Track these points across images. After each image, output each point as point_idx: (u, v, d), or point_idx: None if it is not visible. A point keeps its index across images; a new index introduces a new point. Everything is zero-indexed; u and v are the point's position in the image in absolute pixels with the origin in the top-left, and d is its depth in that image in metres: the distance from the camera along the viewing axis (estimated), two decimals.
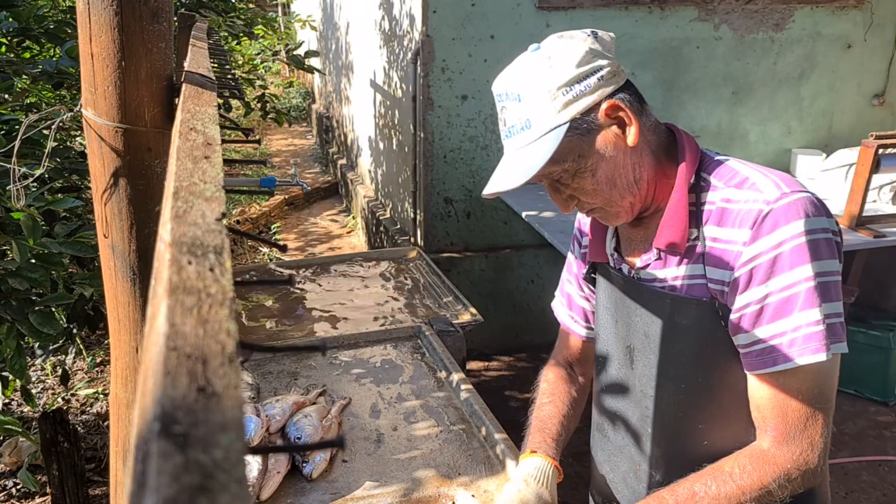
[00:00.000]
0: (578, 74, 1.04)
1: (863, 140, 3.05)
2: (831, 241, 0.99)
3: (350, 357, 1.96)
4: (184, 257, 0.38)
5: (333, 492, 1.41)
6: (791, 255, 0.97)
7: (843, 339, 1.00)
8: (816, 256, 0.97)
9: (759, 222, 0.99)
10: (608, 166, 1.06)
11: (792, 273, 0.97)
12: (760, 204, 1.00)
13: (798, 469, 1.02)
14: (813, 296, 0.97)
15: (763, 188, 1.02)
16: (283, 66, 8.73)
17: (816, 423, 1.02)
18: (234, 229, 0.65)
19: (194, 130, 0.67)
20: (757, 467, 1.02)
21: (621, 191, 1.08)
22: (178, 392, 0.27)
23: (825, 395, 1.02)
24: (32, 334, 1.65)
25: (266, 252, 5.24)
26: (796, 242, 0.97)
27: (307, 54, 3.75)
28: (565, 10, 3.51)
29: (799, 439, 1.02)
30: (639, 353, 1.19)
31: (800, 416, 1.01)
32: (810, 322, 0.97)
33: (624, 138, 1.06)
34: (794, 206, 0.98)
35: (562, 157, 1.05)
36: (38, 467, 2.77)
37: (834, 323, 0.98)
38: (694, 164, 1.09)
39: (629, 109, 1.05)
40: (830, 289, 0.98)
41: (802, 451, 1.02)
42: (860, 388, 3.54)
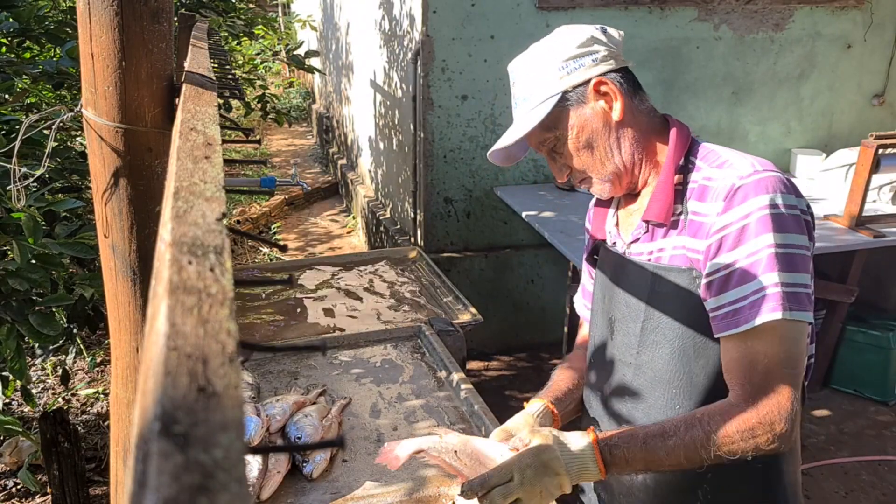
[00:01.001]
0: (576, 54, 1.18)
1: (862, 140, 3.05)
2: (799, 218, 1.07)
3: (350, 357, 1.96)
4: (184, 257, 0.38)
5: (333, 491, 1.41)
6: (757, 225, 1.05)
7: (809, 309, 1.06)
8: (781, 228, 1.05)
9: (731, 195, 1.08)
10: (590, 134, 1.19)
11: (756, 241, 1.05)
12: (734, 179, 1.09)
13: (763, 427, 1.05)
14: (774, 262, 1.04)
15: (738, 166, 1.12)
16: (283, 66, 8.73)
17: (784, 386, 1.06)
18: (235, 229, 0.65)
19: (194, 130, 0.67)
20: (724, 418, 1.07)
21: (602, 158, 1.20)
22: (178, 392, 0.27)
23: (792, 360, 1.06)
24: (32, 335, 1.65)
25: (266, 252, 5.24)
26: (762, 213, 1.05)
27: (307, 54, 3.75)
28: (565, 10, 3.51)
29: (765, 399, 1.05)
30: (618, 324, 1.27)
31: (766, 377, 1.06)
32: (769, 285, 1.04)
33: (610, 113, 1.18)
34: (764, 182, 1.07)
35: (553, 124, 1.20)
36: (39, 467, 2.77)
37: (798, 292, 1.05)
38: (682, 148, 1.19)
39: (616, 87, 1.18)
40: (795, 259, 1.05)
41: (769, 410, 1.05)
42: (860, 388, 3.54)
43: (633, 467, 1.11)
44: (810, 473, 3.01)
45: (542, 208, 3.21)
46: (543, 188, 3.57)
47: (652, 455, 1.09)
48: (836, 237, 3.02)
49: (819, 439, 3.23)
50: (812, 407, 3.48)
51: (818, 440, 3.22)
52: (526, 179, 3.71)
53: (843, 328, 3.50)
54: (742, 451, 1.06)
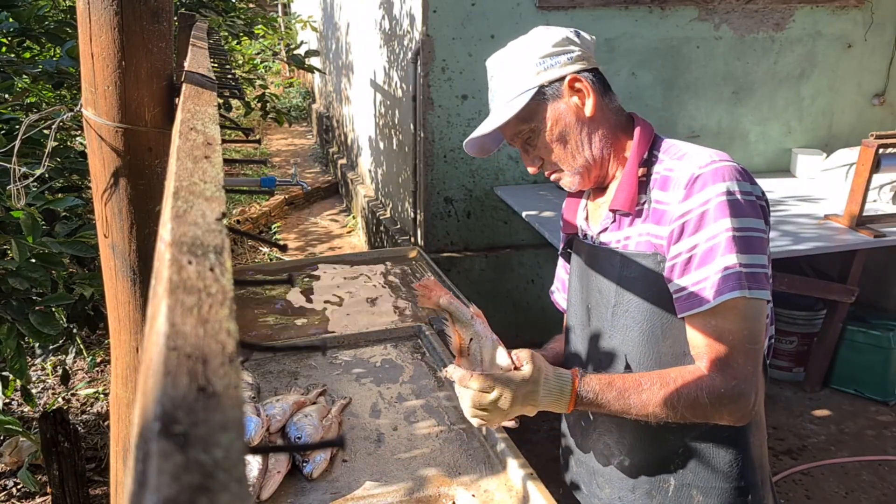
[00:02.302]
0: (552, 52, 1.25)
1: (863, 140, 3.05)
2: (755, 203, 1.14)
3: (350, 357, 1.96)
4: (184, 257, 0.38)
5: (334, 491, 1.41)
6: (716, 211, 1.12)
7: (767, 287, 1.13)
8: (737, 213, 1.11)
9: (690, 183, 1.16)
10: (564, 128, 1.26)
11: (715, 225, 1.12)
12: (693, 168, 1.16)
13: (731, 397, 1.12)
14: (732, 244, 1.11)
15: (696, 157, 1.19)
16: (283, 66, 8.73)
17: (747, 359, 1.13)
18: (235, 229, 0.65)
19: (194, 130, 0.67)
20: (697, 383, 1.13)
21: (573, 151, 1.27)
22: (178, 392, 0.27)
23: (753, 336, 1.13)
24: (32, 334, 1.65)
25: (266, 252, 5.24)
26: (720, 199, 1.12)
27: (307, 54, 3.75)
28: (565, 10, 3.51)
29: (731, 370, 1.12)
30: (594, 311, 1.35)
31: (731, 352, 1.13)
32: (728, 265, 1.11)
33: (583, 109, 1.26)
34: (721, 170, 1.14)
35: (529, 117, 1.27)
36: (39, 467, 2.77)
37: (756, 272, 1.12)
38: (646, 143, 1.27)
39: (589, 85, 1.25)
40: (753, 242, 1.12)
41: (735, 378, 1.12)
42: (860, 388, 3.54)
43: (602, 410, 1.18)
44: (811, 473, 3.01)
45: (543, 208, 3.21)
46: (543, 188, 3.57)
47: (624, 404, 1.16)
48: (836, 237, 3.02)
49: (819, 439, 3.23)
50: (812, 407, 3.48)
51: (818, 440, 3.22)
52: (526, 179, 3.71)
53: (844, 328, 3.50)
54: (707, 414, 1.14)
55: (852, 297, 3.32)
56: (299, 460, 1.44)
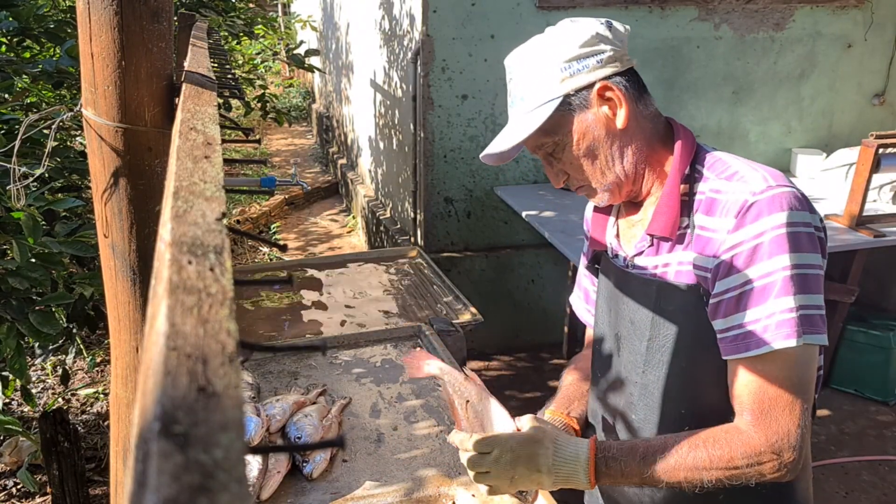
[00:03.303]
0: (579, 54, 1.11)
1: (863, 140, 3.05)
2: (813, 236, 1.03)
3: (350, 357, 1.96)
4: (184, 257, 0.38)
5: (333, 491, 1.41)
6: (771, 245, 1.00)
7: (823, 331, 1.02)
8: (796, 248, 1.00)
9: (743, 212, 1.03)
10: (592, 141, 1.12)
11: (770, 262, 1.00)
12: (746, 195, 1.03)
13: (771, 453, 1.02)
14: (789, 285, 0.99)
15: (750, 180, 1.05)
16: (283, 66, 8.73)
17: (793, 412, 1.02)
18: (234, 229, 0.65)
19: (194, 130, 0.67)
20: (730, 442, 1.03)
21: (602, 168, 1.14)
22: (178, 392, 0.27)
23: (803, 386, 1.02)
24: (32, 334, 1.65)
25: (266, 252, 5.24)
26: (777, 233, 1.00)
27: (307, 53, 3.75)
28: (565, 10, 3.51)
29: (774, 425, 1.02)
30: (625, 341, 1.22)
31: (775, 402, 1.02)
32: (784, 309, 1.00)
33: (613, 120, 1.12)
34: (778, 198, 1.02)
35: (553, 129, 1.12)
36: (38, 467, 2.77)
37: (812, 315, 1.01)
38: (688, 156, 1.13)
39: (621, 93, 1.11)
40: (809, 280, 1.01)
41: (779, 437, 1.01)
42: (860, 388, 3.54)
43: (628, 481, 1.09)
44: None
45: (543, 208, 3.21)
46: (543, 188, 3.57)
47: (649, 471, 1.06)
48: (836, 237, 3.02)
49: (819, 439, 3.23)
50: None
51: (819, 440, 3.22)
52: (526, 179, 3.71)
53: (844, 328, 3.50)
54: (746, 477, 1.03)
55: (852, 297, 3.32)
56: (299, 460, 1.44)
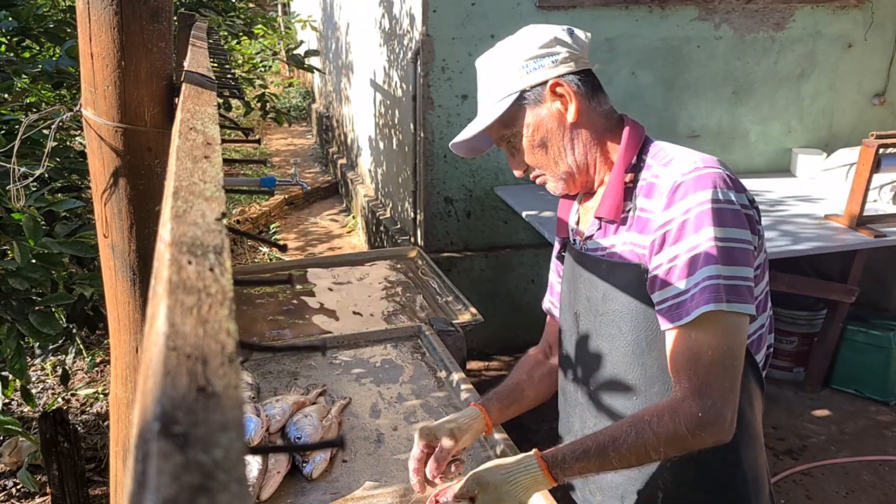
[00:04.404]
0: (537, 54, 1.22)
1: (863, 139, 3.05)
2: (739, 213, 1.10)
3: (350, 357, 1.96)
4: (184, 257, 0.38)
5: (333, 492, 1.41)
6: (697, 220, 1.09)
7: (749, 301, 1.09)
8: (721, 223, 1.08)
9: (672, 191, 1.13)
10: (545, 134, 1.24)
11: (696, 235, 1.09)
12: (676, 176, 1.13)
13: (710, 418, 1.08)
14: (714, 255, 1.07)
15: (681, 164, 1.15)
16: (282, 66, 8.73)
17: (726, 377, 1.09)
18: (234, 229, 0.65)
19: (194, 130, 0.67)
20: (671, 415, 1.10)
21: (555, 158, 1.25)
22: (178, 392, 0.27)
23: (733, 352, 1.09)
24: (32, 334, 1.65)
25: (266, 252, 5.24)
26: (703, 208, 1.08)
27: (307, 53, 3.74)
28: (565, 10, 3.51)
29: (708, 390, 1.08)
30: (582, 317, 1.33)
31: (709, 369, 1.08)
32: (709, 276, 1.07)
33: (565, 114, 1.22)
34: (704, 178, 1.11)
35: (510, 122, 1.25)
36: (38, 467, 2.76)
37: (738, 285, 1.08)
38: (634, 148, 1.23)
39: (571, 90, 1.21)
40: (735, 253, 1.08)
41: (714, 401, 1.08)
42: (860, 388, 3.54)
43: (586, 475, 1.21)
44: (811, 473, 3.01)
45: (542, 208, 3.21)
46: (543, 188, 3.56)
47: (604, 463, 1.13)
48: (836, 237, 3.02)
49: (819, 439, 3.23)
50: (812, 407, 3.48)
51: (818, 440, 3.22)
52: (526, 179, 3.70)
53: (844, 328, 3.50)
54: (691, 445, 1.10)
55: (853, 297, 3.32)
56: (299, 460, 1.44)
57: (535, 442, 2.02)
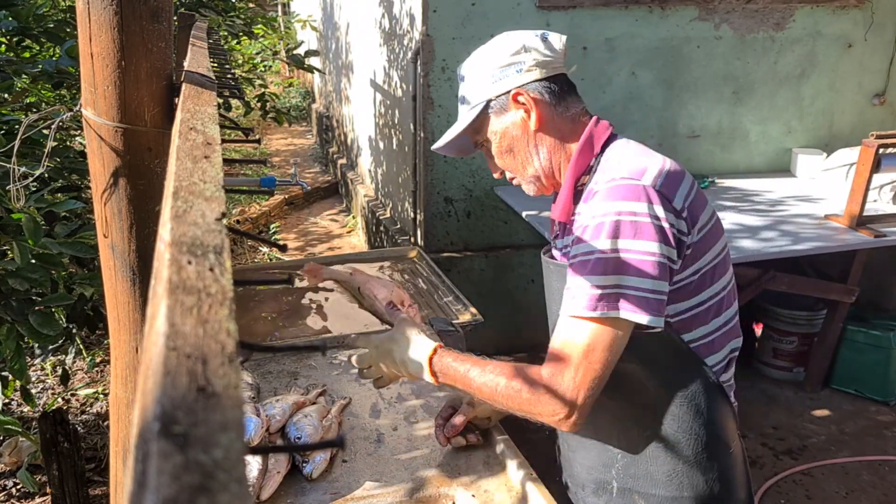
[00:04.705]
0: (506, 63, 1.26)
1: (863, 139, 3.05)
2: (649, 225, 1.12)
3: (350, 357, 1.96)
4: (184, 257, 0.38)
5: (333, 492, 1.41)
6: (594, 229, 1.14)
7: (629, 309, 1.12)
8: (615, 234, 1.12)
9: (589, 197, 1.20)
10: (511, 141, 1.30)
11: (589, 243, 1.14)
12: (601, 185, 1.18)
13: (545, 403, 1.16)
14: (599, 265, 1.12)
15: (611, 172, 1.20)
16: (282, 66, 8.73)
17: (579, 373, 1.14)
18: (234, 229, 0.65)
19: (194, 130, 0.67)
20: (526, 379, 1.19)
21: (523, 163, 1.31)
22: (178, 392, 0.27)
23: (595, 354, 1.14)
24: (32, 335, 1.65)
25: (266, 252, 5.24)
26: (602, 220, 1.13)
27: (307, 53, 3.75)
28: (565, 10, 3.51)
29: (558, 378, 1.15)
30: (550, 316, 1.41)
31: (565, 362, 1.15)
32: (591, 285, 1.13)
33: (528, 121, 1.27)
34: (615, 189, 1.14)
35: (480, 128, 1.32)
36: (38, 467, 2.76)
37: (624, 293, 1.12)
38: (588, 152, 1.27)
39: (532, 98, 1.25)
40: (626, 264, 1.12)
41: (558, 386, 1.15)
42: (860, 388, 3.54)
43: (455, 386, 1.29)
44: (811, 473, 3.01)
45: (543, 208, 3.21)
46: None
47: (468, 383, 1.25)
48: (836, 237, 3.02)
49: (820, 439, 3.23)
50: (812, 407, 3.48)
51: (819, 440, 3.22)
52: None
53: (844, 328, 3.50)
54: (526, 413, 1.20)
55: (853, 297, 3.32)
56: (299, 461, 1.44)
57: (536, 442, 2.02)
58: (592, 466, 1.37)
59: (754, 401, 3.51)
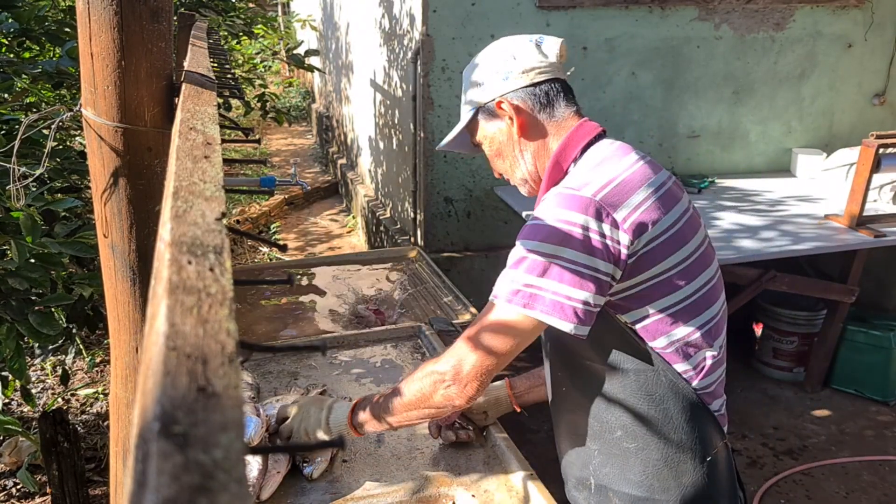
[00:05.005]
0: (495, 70, 1.31)
1: (863, 139, 3.05)
2: (581, 236, 1.15)
3: (350, 357, 1.96)
4: (184, 257, 0.38)
5: (333, 492, 1.41)
6: (525, 229, 1.20)
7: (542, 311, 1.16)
8: (545, 238, 1.16)
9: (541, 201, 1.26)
10: (499, 146, 1.36)
11: (522, 242, 1.20)
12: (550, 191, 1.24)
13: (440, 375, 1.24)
14: (522, 263, 1.18)
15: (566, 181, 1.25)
16: (282, 66, 8.73)
17: (477, 353, 1.21)
18: (234, 229, 0.65)
19: (194, 130, 0.67)
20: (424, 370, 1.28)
21: (511, 166, 1.37)
22: (178, 392, 0.27)
23: (499, 342, 1.20)
24: (32, 335, 1.65)
25: (266, 252, 5.24)
26: (537, 222, 1.19)
27: (307, 53, 3.74)
28: (565, 10, 3.51)
29: (457, 352, 1.23)
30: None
31: (465, 339, 1.24)
32: (511, 279, 1.19)
33: (513, 128, 1.32)
34: (557, 197, 1.20)
35: (473, 131, 1.39)
36: (38, 467, 2.76)
37: (537, 294, 1.16)
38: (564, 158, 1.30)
39: (512, 106, 1.30)
40: (549, 268, 1.16)
41: (454, 362, 1.23)
42: (860, 388, 3.54)
43: (382, 426, 1.35)
44: (811, 473, 3.01)
45: None
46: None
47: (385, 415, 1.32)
48: (836, 237, 3.02)
49: (820, 439, 3.23)
50: (813, 407, 3.48)
51: (819, 440, 3.22)
52: None
53: (844, 328, 3.50)
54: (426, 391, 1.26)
55: (853, 297, 3.32)
56: (299, 461, 1.44)
57: (536, 442, 2.02)
58: (573, 462, 1.40)
59: (754, 401, 3.51)
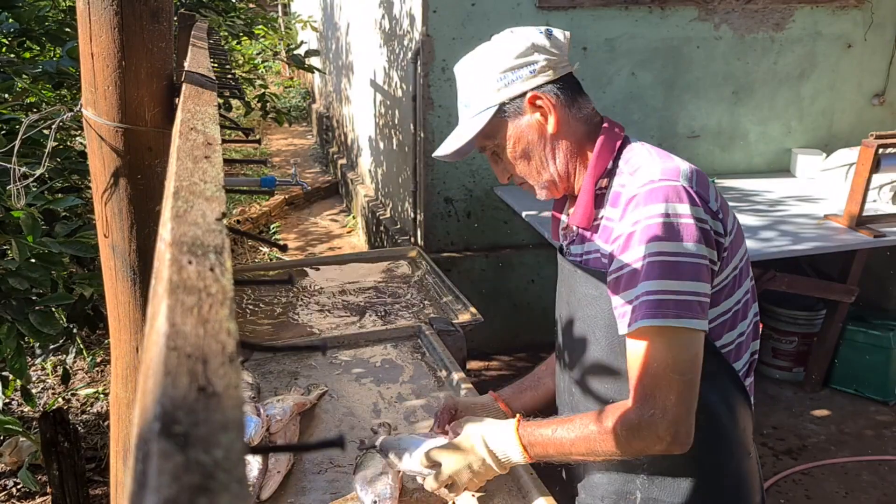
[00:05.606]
0: (514, 65, 1.20)
1: (863, 140, 3.05)
2: (691, 227, 1.09)
3: (350, 357, 1.96)
4: (184, 257, 0.38)
5: (333, 492, 1.41)
6: (642, 233, 1.10)
7: (697, 316, 1.08)
8: (667, 237, 1.08)
9: (627, 202, 1.14)
10: (526, 145, 1.24)
11: (639, 248, 1.10)
12: (635, 188, 1.14)
13: (646, 429, 1.09)
14: (654, 270, 1.08)
15: (643, 175, 1.15)
16: (283, 66, 8.73)
17: (670, 391, 1.08)
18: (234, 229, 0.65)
19: (194, 130, 0.67)
20: (615, 416, 1.13)
21: (538, 167, 1.26)
22: (178, 392, 0.27)
23: (681, 366, 1.08)
24: (32, 334, 1.65)
25: (266, 252, 5.24)
26: (649, 222, 1.09)
27: (307, 53, 3.74)
28: (565, 10, 3.51)
29: (650, 400, 1.09)
30: (565, 320, 1.36)
31: (654, 380, 1.09)
32: (649, 291, 1.08)
33: (545, 125, 1.22)
34: (656, 191, 1.10)
35: (491, 134, 1.25)
36: (39, 467, 2.76)
37: (685, 300, 1.07)
38: (607, 155, 1.23)
39: (550, 102, 1.21)
40: (681, 268, 1.08)
41: (653, 413, 1.08)
42: (860, 388, 3.54)
43: (549, 454, 1.21)
44: (811, 473, 3.01)
45: (543, 208, 3.21)
46: None
47: (560, 445, 1.18)
48: (836, 237, 3.02)
49: (819, 439, 3.23)
50: (812, 407, 3.48)
51: (818, 440, 3.22)
52: None
53: (844, 328, 3.50)
54: (630, 448, 1.12)
55: (852, 297, 3.32)
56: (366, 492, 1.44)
57: None
58: (614, 477, 1.31)
59: (754, 401, 3.51)
